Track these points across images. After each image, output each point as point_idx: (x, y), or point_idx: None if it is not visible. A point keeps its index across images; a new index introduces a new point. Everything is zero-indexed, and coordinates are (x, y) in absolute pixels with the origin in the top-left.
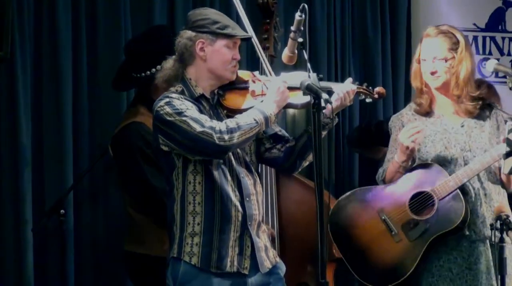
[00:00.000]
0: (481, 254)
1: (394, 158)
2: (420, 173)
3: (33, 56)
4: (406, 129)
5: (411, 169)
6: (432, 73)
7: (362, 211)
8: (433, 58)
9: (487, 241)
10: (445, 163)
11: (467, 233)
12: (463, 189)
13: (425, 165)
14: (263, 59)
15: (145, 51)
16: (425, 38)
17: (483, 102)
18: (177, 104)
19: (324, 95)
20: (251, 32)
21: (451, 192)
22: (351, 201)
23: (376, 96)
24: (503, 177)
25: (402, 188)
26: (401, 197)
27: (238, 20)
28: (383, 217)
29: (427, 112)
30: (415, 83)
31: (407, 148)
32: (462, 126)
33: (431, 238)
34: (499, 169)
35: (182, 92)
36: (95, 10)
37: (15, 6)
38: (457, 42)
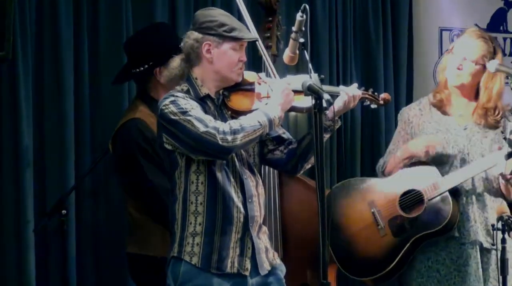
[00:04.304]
0: (470, 257)
1: (396, 152)
2: (415, 171)
3: (34, 56)
4: (423, 140)
5: (408, 165)
6: (458, 69)
7: (354, 201)
8: (464, 56)
9: (477, 244)
10: (441, 162)
11: (457, 234)
12: (456, 190)
13: (421, 163)
14: (268, 61)
15: (142, 45)
16: (465, 35)
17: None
18: (182, 104)
19: (326, 96)
20: (254, 32)
21: (441, 194)
22: (344, 190)
23: (381, 102)
24: (502, 187)
25: (396, 183)
26: (393, 192)
27: (241, 20)
28: (372, 210)
29: (442, 109)
30: (441, 75)
31: (415, 155)
32: (465, 129)
33: (414, 237)
34: (498, 178)
35: (187, 92)
36: (97, 10)
37: (17, 6)
38: (493, 52)
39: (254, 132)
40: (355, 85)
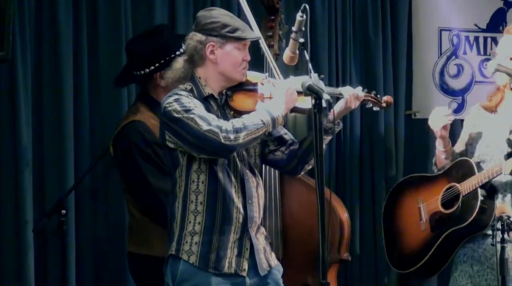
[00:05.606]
0: None
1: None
2: (457, 167)
3: (34, 56)
4: (434, 113)
5: (455, 162)
6: None
7: (407, 196)
8: (505, 55)
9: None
10: (485, 160)
11: (489, 232)
12: (493, 187)
13: (463, 160)
14: (271, 60)
15: (144, 49)
16: (505, 34)
17: None
18: (186, 102)
19: (326, 96)
20: (257, 30)
21: (473, 190)
22: (405, 185)
23: (383, 105)
24: None
25: (442, 180)
26: (438, 187)
27: (242, 18)
28: (419, 205)
29: (492, 110)
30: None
31: (436, 132)
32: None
33: (445, 233)
34: None
35: (191, 91)
36: (96, 10)
37: (16, 7)
38: None
39: (257, 131)
40: (360, 88)
